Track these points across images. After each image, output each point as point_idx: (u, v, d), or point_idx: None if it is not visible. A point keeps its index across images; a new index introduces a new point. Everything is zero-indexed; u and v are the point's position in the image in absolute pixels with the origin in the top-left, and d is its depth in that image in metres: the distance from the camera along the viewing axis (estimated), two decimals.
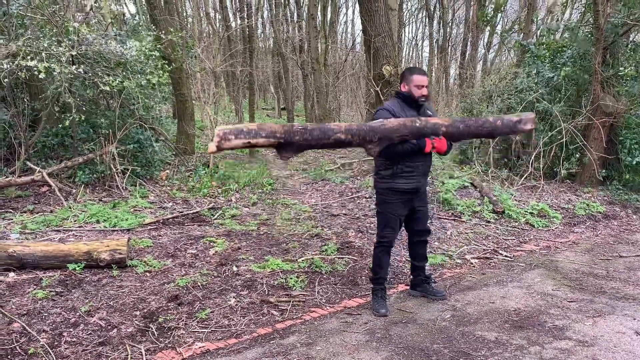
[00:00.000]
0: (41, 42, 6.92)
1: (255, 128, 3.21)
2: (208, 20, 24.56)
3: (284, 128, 3.29)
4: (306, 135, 3.34)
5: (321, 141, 3.43)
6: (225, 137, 3.12)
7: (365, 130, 3.50)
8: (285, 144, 3.31)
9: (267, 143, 3.27)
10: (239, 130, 3.16)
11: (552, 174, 9.52)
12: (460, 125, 3.74)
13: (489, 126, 3.81)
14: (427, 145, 3.96)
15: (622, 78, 9.22)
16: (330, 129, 3.42)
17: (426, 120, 3.68)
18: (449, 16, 27.42)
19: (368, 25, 9.11)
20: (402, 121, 3.62)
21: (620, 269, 5.43)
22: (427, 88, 4.07)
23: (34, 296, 4.19)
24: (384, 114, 3.95)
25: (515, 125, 3.83)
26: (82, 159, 7.92)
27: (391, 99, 4.21)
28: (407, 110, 4.03)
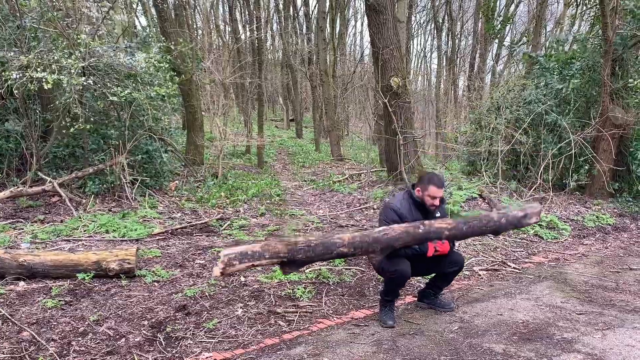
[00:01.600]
0: (53, 54, 7.04)
1: (259, 250, 3.27)
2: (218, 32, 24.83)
3: (287, 247, 3.34)
4: (309, 253, 3.41)
5: (324, 256, 3.52)
6: (230, 263, 3.22)
7: (368, 242, 3.53)
8: (288, 262, 3.38)
9: (271, 263, 3.36)
10: (243, 255, 3.23)
11: (561, 185, 9.47)
12: (464, 227, 3.73)
13: (493, 225, 3.79)
14: (430, 250, 3.97)
15: (632, 90, 9.20)
16: (333, 244, 3.46)
17: (429, 225, 3.66)
18: (457, 28, 27.52)
19: (376, 37, 9.18)
20: (404, 228, 3.61)
21: (630, 281, 5.38)
22: (439, 201, 4.04)
23: (44, 305, 4.22)
24: (391, 215, 3.98)
25: (520, 221, 3.85)
26: (93, 169, 8.00)
27: (401, 196, 4.16)
28: (414, 211, 4.04)
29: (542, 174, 9.16)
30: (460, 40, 30.06)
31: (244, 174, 11.86)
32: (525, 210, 3.84)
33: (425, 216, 4.02)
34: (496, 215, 3.81)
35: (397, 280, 4.02)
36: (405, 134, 9.28)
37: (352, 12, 34.31)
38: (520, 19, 29.64)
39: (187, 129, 12.21)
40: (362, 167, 13.07)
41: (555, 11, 26.54)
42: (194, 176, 10.24)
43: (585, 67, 9.65)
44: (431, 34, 33.59)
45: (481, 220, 3.78)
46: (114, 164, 8.04)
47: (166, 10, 11.21)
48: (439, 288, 4.45)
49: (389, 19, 9.08)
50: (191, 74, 11.05)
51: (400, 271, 3.94)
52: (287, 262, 3.38)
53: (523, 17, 29.43)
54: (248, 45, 23.75)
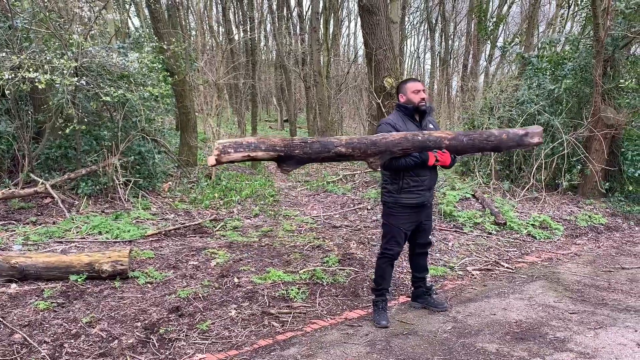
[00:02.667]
0: (45, 54, 7.00)
1: (255, 141, 3.22)
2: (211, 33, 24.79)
3: (284, 141, 3.31)
4: (306, 148, 3.34)
5: (321, 154, 3.43)
6: (225, 150, 3.14)
7: (366, 144, 3.50)
8: (285, 157, 3.32)
9: (267, 156, 3.28)
10: (238, 144, 3.17)
11: (554, 185, 9.52)
12: (464, 139, 3.68)
13: (494, 139, 3.71)
14: (430, 158, 3.90)
15: (623, 90, 9.26)
16: (331, 143, 3.42)
17: (429, 134, 3.66)
18: (450, 29, 27.60)
19: (369, 38, 9.18)
20: (404, 134, 3.61)
21: (622, 280, 5.42)
22: (424, 92, 4.06)
23: (36, 307, 4.20)
24: (386, 127, 3.95)
25: (522, 138, 3.73)
26: (85, 170, 7.96)
27: (392, 113, 4.19)
28: (408, 123, 4.02)
29: (535, 174, 9.20)
30: (454, 41, 30.16)
31: (237, 175, 11.84)
32: (526, 129, 3.76)
33: (419, 126, 4.04)
34: (497, 130, 3.77)
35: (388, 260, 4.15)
36: None
37: (346, 13, 34.38)
38: (513, 20, 29.78)
39: (180, 129, 12.17)
40: (356, 168, 13.05)
41: (547, 12, 26.70)
42: (187, 177, 10.21)
43: (577, 67, 9.71)
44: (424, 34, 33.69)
45: (482, 134, 3.75)
46: (107, 165, 8.00)
47: (159, 11, 11.17)
48: (422, 279, 4.48)
49: (382, 20, 9.09)
50: (184, 74, 11.01)
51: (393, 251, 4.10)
52: (284, 158, 3.31)
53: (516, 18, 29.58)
54: (241, 46, 23.72)
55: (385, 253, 4.17)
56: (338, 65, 27.03)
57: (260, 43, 30.62)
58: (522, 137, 3.75)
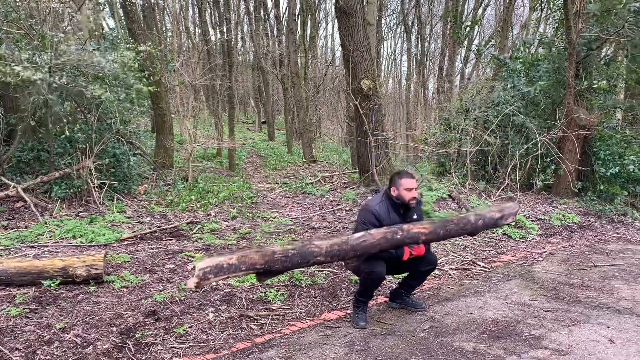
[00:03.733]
0: (19, 54, 6.84)
1: (235, 262, 3.22)
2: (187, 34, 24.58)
3: (264, 258, 3.31)
4: (286, 263, 3.38)
5: (301, 265, 3.51)
6: (205, 276, 3.16)
7: (345, 251, 3.53)
8: (264, 272, 3.37)
9: (247, 274, 3.34)
10: (219, 268, 3.18)
11: (529, 185, 9.67)
12: (441, 232, 3.78)
13: (470, 227, 3.86)
14: (405, 254, 3.99)
15: (595, 91, 9.46)
16: (310, 253, 3.44)
17: (407, 231, 3.68)
18: (426, 31, 27.86)
19: (346, 40, 9.22)
20: (383, 234, 3.62)
21: (595, 278, 5.52)
22: (416, 190, 4.07)
23: (7, 314, 4.10)
24: (369, 217, 3.97)
25: (497, 221, 3.92)
26: (59, 173, 7.82)
27: (379, 199, 4.12)
28: (392, 214, 4.04)
29: (510, 174, 9.34)
30: (430, 43, 30.45)
31: (215, 177, 11.76)
32: (502, 211, 3.91)
33: (403, 218, 4.05)
34: (473, 217, 3.85)
35: (373, 282, 4.02)
36: (376, 135, 9.35)
37: (323, 15, 34.45)
38: (488, 22, 30.23)
39: (156, 131, 12.04)
40: (334, 169, 13.09)
41: (521, 15, 27.14)
42: (164, 179, 10.10)
43: (551, 69, 9.88)
44: (401, 37, 33.94)
45: (458, 224, 3.83)
46: (81, 168, 7.87)
47: (134, 12, 11.04)
48: (411, 287, 4.48)
49: (358, 22, 9.13)
50: (160, 75, 10.90)
51: (377, 273, 3.95)
52: (264, 272, 3.36)
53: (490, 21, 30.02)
54: (218, 47, 23.58)
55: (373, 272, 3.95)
56: (316, 67, 27.08)
57: (237, 44, 30.50)
58: (497, 221, 3.95)
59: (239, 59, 31.52)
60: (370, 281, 4.04)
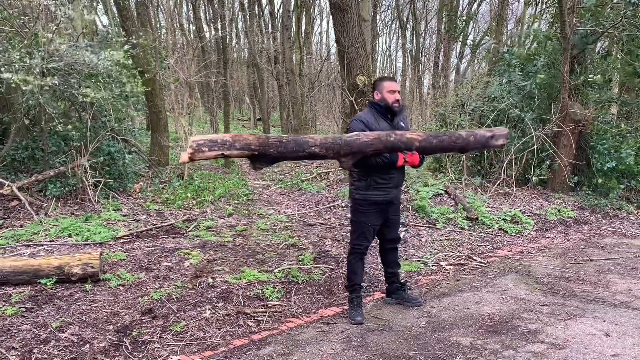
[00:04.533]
0: (10, 54, 6.80)
1: (229, 139, 3.19)
2: (182, 31, 24.48)
3: (259, 140, 3.28)
4: (281, 148, 3.34)
5: (295, 154, 3.44)
6: (199, 148, 3.10)
7: (339, 144, 3.52)
8: (259, 155, 3.31)
9: (241, 154, 3.26)
10: (213, 142, 3.14)
11: (524, 180, 9.70)
12: (434, 140, 3.81)
13: (462, 141, 3.88)
14: (400, 159, 4.00)
15: (590, 86, 9.47)
16: (305, 142, 3.42)
17: (401, 135, 3.71)
18: (421, 27, 27.83)
19: (341, 35, 9.19)
20: (377, 135, 3.65)
21: (591, 272, 5.55)
22: (399, 93, 4.12)
23: (3, 313, 4.09)
24: (358, 125, 3.98)
25: (488, 140, 3.92)
26: (53, 172, 7.77)
27: (366, 110, 4.23)
28: (380, 121, 4.06)
29: (506, 169, 9.36)
30: (425, 38, 30.43)
31: (210, 175, 11.72)
32: (492, 131, 3.95)
33: (391, 125, 4.09)
34: (465, 132, 3.92)
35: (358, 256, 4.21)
36: None
37: (318, 11, 34.37)
38: (483, 18, 30.21)
39: (151, 129, 11.97)
40: (330, 166, 13.06)
41: (516, 10, 27.14)
42: (159, 177, 10.06)
43: (546, 64, 9.89)
44: (396, 32, 33.90)
45: (450, 136, 3.89)
46: (76, 166, 7.83)
47: (128, 8, 10.96)
48: (394, 274, 4.52)
49: (353, 18, 9.10)
50: (154, 73, 10.84)
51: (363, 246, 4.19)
52: (258, 156, 3.31)
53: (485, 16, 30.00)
54: (213, 44, 23.49)
55: (354, 249, 4.24)
56: (311, 63, 27.02)
57: (232, 41, 30.40)
58: (488, 139, 3.95)
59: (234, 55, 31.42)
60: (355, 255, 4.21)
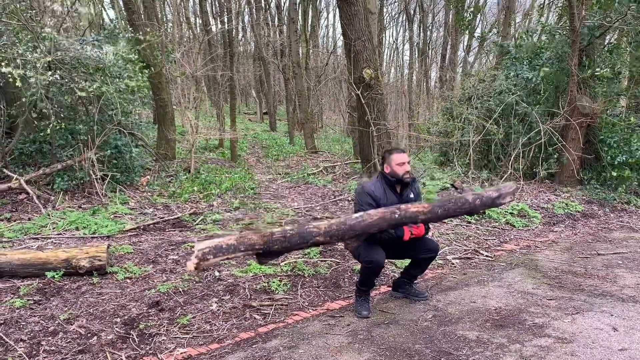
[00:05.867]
0: (16, 48, 6.82)
1: (234, 243, 3.22)
2: (188, 24, 24.48)
3: (263, 238, 3.31)
4: (285, 243, 3.38)
5: (300, 246, 3.50)
6: (204, 257, 3.16)
7: (344, 230, 3.52)
8: (264, 253, 3.35)
9: (246, 255, 3.33)
10: (217, 249, 3.18)
11: (532, 174, 9.64)
12: (439, 211, 3.74)
13: (468, 207, 3.81)
14: (406, 234, 3.98)
15: (598, 79, 9.39)
16: (309, 234, 3.43)
17: (405, 210, 3.66)
18: (428, 20, 27.68)
19: (348, 29, 9.15)
20: (381, 214, 3.60)
21: (599, 266, 5.52)
22: (409, 164, 4.06)
23: (12, 305, 4.12)
24: (366, 198, 3.98)
25: (494, 201, 3.86)
26: (61, 165, 7.81)
27: (374, 179, 4.17)
28: (389, 192, 4.05)
29: (513, 163, 9.31)
30: (432, 31, 30.27)
31: (217, 168, 11.75)
32: (499, 190, 3.85)
33: (399, 197, 4.06)
34: (471, 197, 3.83)
35: (373, 270, 4.02)
36: (379, 125, 9.31)
37: (324, 4, 34.29)
38: (490, 11, 30.02)
39: (157, 123, 12.01)
40: (336, 159, 13.06)
41: (524, 2, 26.94)
42: (166, 171, 10.09)
43: (554, 57, 9.81)
44: (403, 25, 33.70)
45: (456, 203, 3.80)
46: (83, 160, 7.86)
47: (134, 2, 10.98)
48: (413, 276, 4.48)
49: (360, 11, 9.06)
50: (161, 67, 10.86)
51: (376, 262, 3.94)
52: (263, 253, 3.36)
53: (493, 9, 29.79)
54: (219, 38, 23.48)
55: (370, 261, 3.96)
56: (317, 57, 26.96)
57: (238, 35, 30.37)
58: (494, 200, 3.87)
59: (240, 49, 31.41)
60: (369, 270, 4.04)
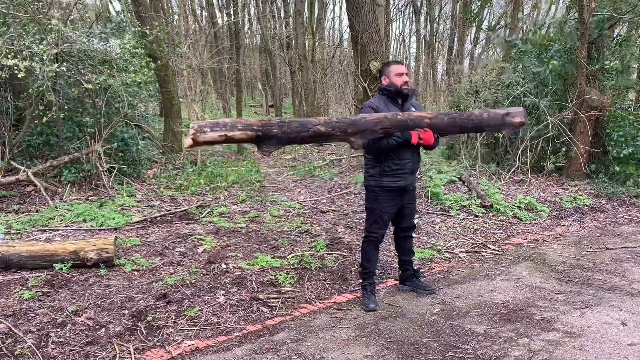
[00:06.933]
0: (23, 40, 6.82)
1: (231, 121, 3.16)
2: (194, 17, 24.43)
3: (261, 121, 3.26)
4: (284, 127, 3.27)
5: (300, 134, 3.34)
6: (201, 129, 3.08)
7: (345, 123, 3.45)
8: (263, 137, 3.25)
9: (245, 136, 3.21)
10: (214, 124, 3.11)
11: (539, 167, 9.58)
12: (445, 118, 3.64)
13: (475, 119, 3.67)
14: (413, 137, 3.89)
15: (608, 72, 9.30)
16: (309, 122, 3.37)
17: (409, 114, 3.64)
18: (435, 12, 27.48)
19: (355, 21, 9.10)
20: (383, 114, 3.58)
21: (607, 260, 5.48)
22: (407, 76, 4.04)
23: (20, 297, 4.14)
24: (367, 110, 3.93)
25: (503, 118, 3.66)
26: (68, 157, 7.84)
27: (375, 96, 4.18)
28: (390, 106, 4.01)
29: (521, 156, 9.25)
30: (439, 24, 30.04)
31: (223, 161, 11.75)
32: (507, 109, 3.74)
33: (401, 111, 4.01)
34: (478, 110, 3.77)
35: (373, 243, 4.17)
36: None
37: None
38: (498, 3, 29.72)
39: (164, 115, 12.01)
40: (342, 152, 13.02)
41: None
42: (173, 163, 10.10)
43: (562, 50, 9.72)
44: (410, 18, 33.49)
45: (462, 114, 3.75)
46: (90, 152, 7.88)
47: None
48: (408, 262, 4.50)
49: (367, 2, 9.00)
50: (167, 59, 10.84)
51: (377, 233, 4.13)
52: (262, 138, 3.25)
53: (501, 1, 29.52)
54: (225, 30, 23.42)
55: (369, 236, 4.20)
56: (323, 49, 26.84)
57: (244, 27, 30.27)
58: (503, 117, 3.68)
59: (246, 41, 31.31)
60: (369, 242, 4.17)
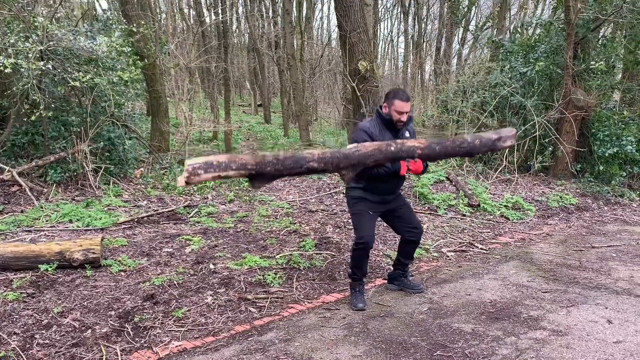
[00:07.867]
0: (8, 38, 6.74)
1: (225, 160, 3.16)
2: (182, 15, 24.29)
3: (255, 159, 3.25)
4: (278, 165, 3.30)
5: (294, 170, 3.39)
6: (195, 172, 3.08)
7: (338, 158, 3.46)
8: (257, 175, 3.28)
9: (238, 175, 3.24)
10: (208, 164, 3.11)
11: (526, 167, 9.67)
12: (437, 147, 3.67)
13: (467, 146, 3.70)
14: (402, 168, 3.96)
15: (593, 72, 9.40)
16: (303, 158, 3.38)
17: (402, 144, 3.62)
18: (423, 12, 27.58)
19: (343, 20, 9.09)
20: (376, 146, 3.56)
21: (593, 259, 5.54)
22: (407, 114, 4.03)
23: (4, 298, 4.08)
24: (362, 135, 3.94)
25: (495, 143, 3.75)
26: (54, 157, 7.74)
27: (371, 118, 4.18)
28: (384, 131, 4.02)
29: (508, 156, 9.32)
30: (427, 24, 30.15)
31: None
32: (499, 133, 3.77)
33: (395, 135, 4.04)
34: (470, 136, 3.78)
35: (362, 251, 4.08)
36: None
37: None
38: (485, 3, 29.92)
39: (151, 115, 11.93)
40: None
41: None
42: (160, 163, 10.03)
43: (549, 50, 9.81)
44: (398, 17, 33.59)
45: (454, 141, 3.73)
46: (76, 152, 7.79)
47: None
48: (403, 264, 4.48)
49: (355, 2, 8.99)
50: (154, 58, 10.76)
51: (366, 238, 4.01)
52: (256, 175, 3.28)
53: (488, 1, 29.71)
54: (213, 29, 23.31)
55: (359, 243, 4.11)
56: (312, 49, 26.82)
57: (233, 26, 30.17)
58: (494, 142, 3.77)
59: (234, 40, 31.21)
60: (359, 250, 4.08)
